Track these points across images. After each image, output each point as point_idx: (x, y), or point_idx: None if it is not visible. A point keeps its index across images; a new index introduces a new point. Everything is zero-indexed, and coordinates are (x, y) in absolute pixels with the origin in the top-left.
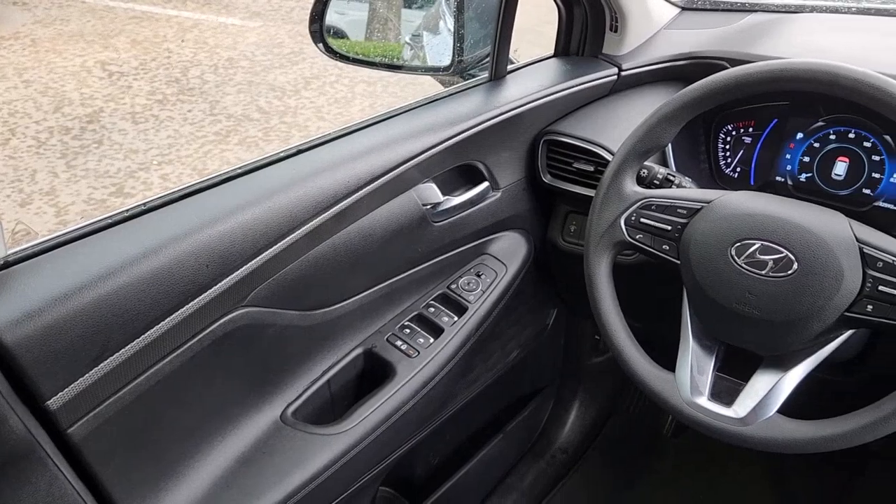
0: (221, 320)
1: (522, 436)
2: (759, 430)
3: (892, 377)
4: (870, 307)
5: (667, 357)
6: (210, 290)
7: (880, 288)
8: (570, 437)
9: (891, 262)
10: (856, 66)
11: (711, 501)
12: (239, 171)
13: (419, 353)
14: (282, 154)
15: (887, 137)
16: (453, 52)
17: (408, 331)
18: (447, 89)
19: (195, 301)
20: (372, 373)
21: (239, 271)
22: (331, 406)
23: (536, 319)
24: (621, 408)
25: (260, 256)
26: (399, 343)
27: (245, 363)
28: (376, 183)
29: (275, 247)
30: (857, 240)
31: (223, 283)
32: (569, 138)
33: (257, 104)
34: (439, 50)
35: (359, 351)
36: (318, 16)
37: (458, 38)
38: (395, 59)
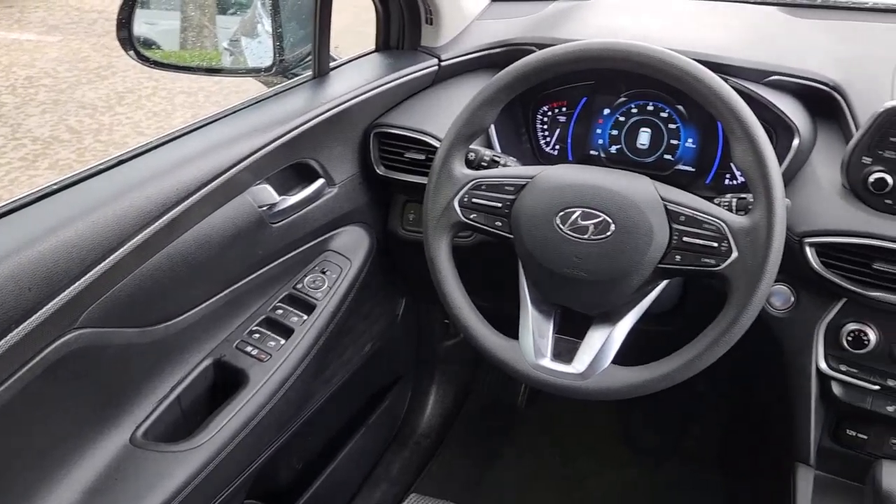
0: (53, 345)
1: (385, 427)
2: (598, 381)
3: (705, 321)
4: (678, 257)
5: (513, 330)
6: (36, 315)
7: (685, 239)
8: (431, 421)
9: (691, 215)
10: (647, 43)
11: (569, 463)
12: (55, 186)
13: (271, 356)
14: (102, 165)
15: (679, 107)
16: (274, 53)
17: (257, 335)
18: (271, 89)
19: (20, 328)
20: (224, 383)
21: (66, 292)
22: (183, 422)
23: (386, 311)
24: (478, 386)
25: (88, 274)
26: (249, 349)
27: (86, 388)
28: (206, 188)
29: (103, 263)
30: (662, 198)
31: (50, 305)
32: (398, 129)
33: (67, 124)
34: (259, 52)
35: (208, 362)
36: (125, 21)
37: (277, 37)
38: (213, 63)
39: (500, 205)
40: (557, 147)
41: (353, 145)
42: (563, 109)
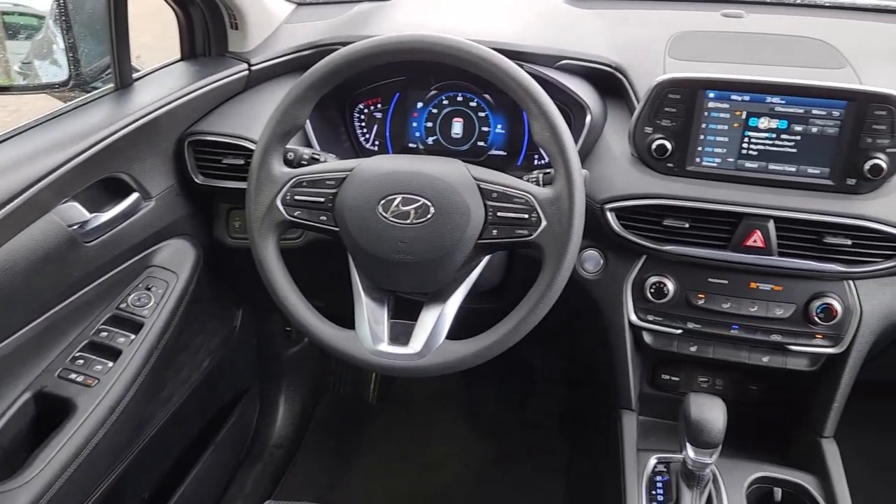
0: None
1: (235, 443)
2: (434, 357)
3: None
4: (495, 231)
5: (353, 325)
6: None
7: (499, 214)
8: (282, 431)
9: (502, 191)
10: (449, 35)
11: (425, 449)
12: None
13: (99, 380)
14: None
15: (486, 96)
16: (69, 66)
17: (81, 361)
18: (69, 103)
19: None
20: (49, 414)
21: None
22: (5, 461)
23: (223, 323)
24: (327, 389)
25: None
26: (74, 376)
27: None
28: (3, 211)
29: None
30: (475, 179)
31: None
32: (212, 136)
33: None
34: (54, 70)
35: (27, 396)
36: None
37: (71, 49)
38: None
39: (322, 199)
40: (377, 143)
41: (167, 156)
42: (379, 106)
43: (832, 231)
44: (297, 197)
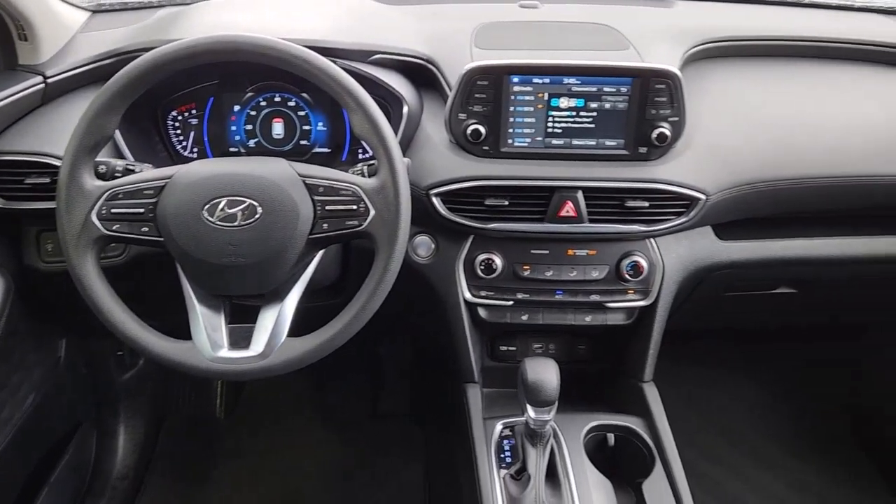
0: None
1: (73, 481)
2: (278, 356)
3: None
4: (325, 225)
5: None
6: None
7: (327, 207)
8: (125, 462)
9: (328, 185)
10: (261, 34)
11: (281, 456)
12: None
13: None
14: None
15: (305, 95)
16: None
17: None
18: None
19: None
20: None
21: None
22: None
23: (45, 355)
24: (171, 411)
25: None
26: None
27: None
28: None
29: None
30: (300, 175)
31: None
32: (11, 155)
33: None
34: None
35: None
36: None
37: None
38: None
39: (142, 210)
40: (196, 150)
41: None
42: (194, 112)
43: (631, 195)
44: (113, 210)
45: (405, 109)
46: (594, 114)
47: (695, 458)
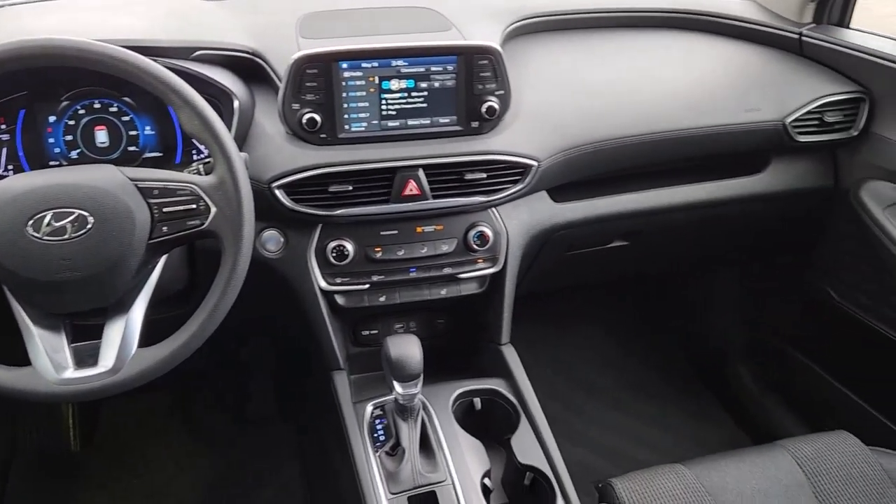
0: None
1: None
2: (131, 368)
3: None
4: (165, 228)
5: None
6: None
7: (165, 210)
8: None
9: (163, 186)
10: (73, 37)
11: (147, 477)
12: None
13: None
14: None
15: (127, 98)
16: None
17: None
18: None
19: None
20: None
21: None
22: None
23: None
24: (18, 450)
25: None
26: None
27: None
28: None
29: None
30: (131, 179)
31: None
32: None
33: None
34: None
35: None
36: None
37: None
38: None
39: None
40: (10, 167)
41: None
42: (3, 127)
43: (469, 168)
44: None
45: (236, 104)
46: (425, 93)
47: (556, 410)
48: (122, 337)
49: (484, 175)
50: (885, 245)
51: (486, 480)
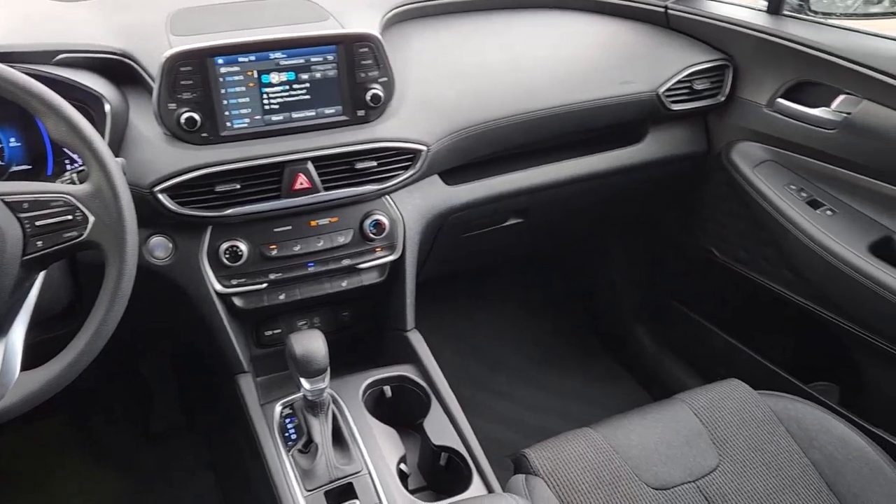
0: None
1: None
2: (15, 394)
3: None
4: (40, 242)
5: None
6: None
7: (38, 223)
8: None
9: (33, 199)
10: None
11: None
12: None
13: None
14: None
15: None
16: None
17: None
18: None
19: None
20: None
21: None
22: None
23: None
24: None
25: None
26: None
27: None
28: None
29: None
30: None
31: None
32: None
33: None
34: None
35: None
36: None
37: None
38: None
39: None
40: None
41: None
42: None
43: (359, 158)
44: None
45: (107, 108)
46: (307, 85)
47: (467, 390)
48: (1, 361)
49: (374, 163)
50: (757, 201)
51: (403, 466)
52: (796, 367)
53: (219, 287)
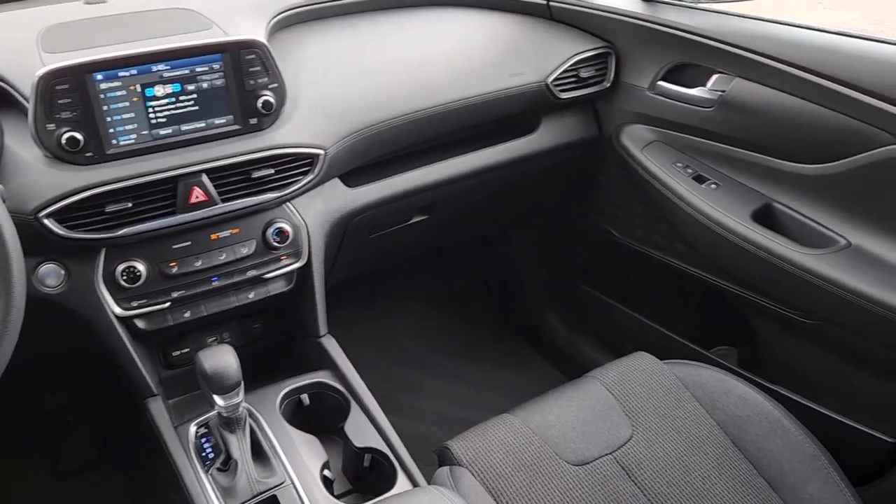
0: None
1: None
2: None
3: None
4: None
5: None
6: None
7: None
8: None
9: None
10: None
11: None
12: None
13: None
14: None
15: None
16: None
17: None
18: None
19: None
20: None
21: None
22: None
23: None
24: None
25: None
26: None
27: None
28: None
29: None
30: None
31: None
32: None
33: None
34: None
35: None
36: None
37: None
38: None
39: None
40: None
41: None
42: None
43: (255, 166)
44: None
45: None
46: (195, 96)
47: (388, 389)
48: None
49: (272, 171)
50: (647, 180)
51: (327, 472)
52: (698, 335)
53: (118, 310)
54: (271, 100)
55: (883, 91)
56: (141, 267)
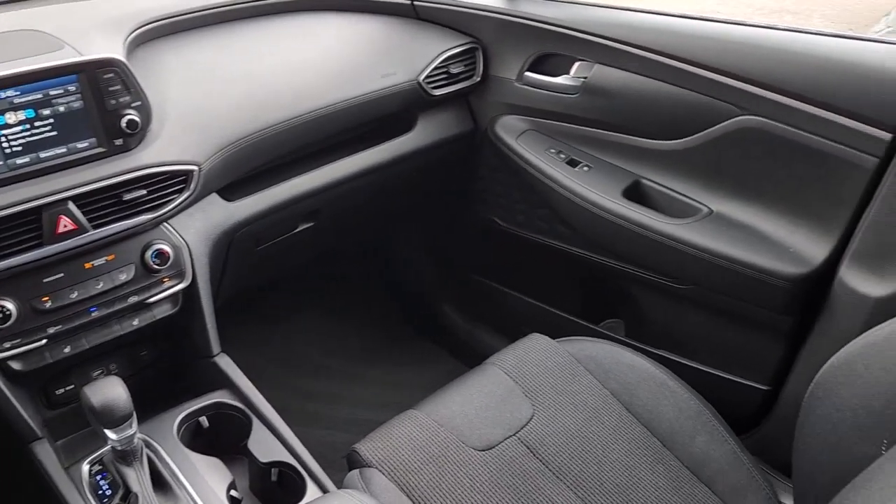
0: None
1: None
2: None
3: None
4: None
5: None
6: None
7: None
8: None
9: None
10: None
11: None
12: None
13: None
14: None
15: None
16: None
17: None
18: None
19: None
20: None
21: None
22: None
23: None
24: None
25: None
26: None
27: None
28: None
29: None
30: None
31: None
32: None
33: None
34: None
35: None
36: None
37: None
38: None
39: None
40: None
41: None
42: None
43: (126, 189)
44: None
45: None
46: (51, 121)
47: (291, 400)
48: None
49: (144, 192)
50: (524, 168)
51: (234, 492)
52: (587, 312)
53: None
54: (136, 118)
55: (728, 68)
56: (10, 305)
